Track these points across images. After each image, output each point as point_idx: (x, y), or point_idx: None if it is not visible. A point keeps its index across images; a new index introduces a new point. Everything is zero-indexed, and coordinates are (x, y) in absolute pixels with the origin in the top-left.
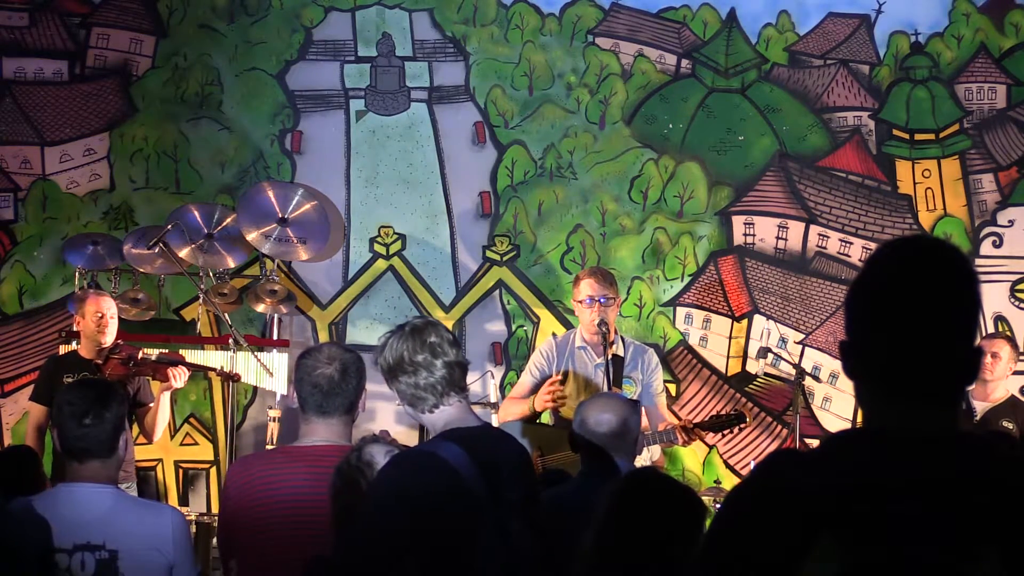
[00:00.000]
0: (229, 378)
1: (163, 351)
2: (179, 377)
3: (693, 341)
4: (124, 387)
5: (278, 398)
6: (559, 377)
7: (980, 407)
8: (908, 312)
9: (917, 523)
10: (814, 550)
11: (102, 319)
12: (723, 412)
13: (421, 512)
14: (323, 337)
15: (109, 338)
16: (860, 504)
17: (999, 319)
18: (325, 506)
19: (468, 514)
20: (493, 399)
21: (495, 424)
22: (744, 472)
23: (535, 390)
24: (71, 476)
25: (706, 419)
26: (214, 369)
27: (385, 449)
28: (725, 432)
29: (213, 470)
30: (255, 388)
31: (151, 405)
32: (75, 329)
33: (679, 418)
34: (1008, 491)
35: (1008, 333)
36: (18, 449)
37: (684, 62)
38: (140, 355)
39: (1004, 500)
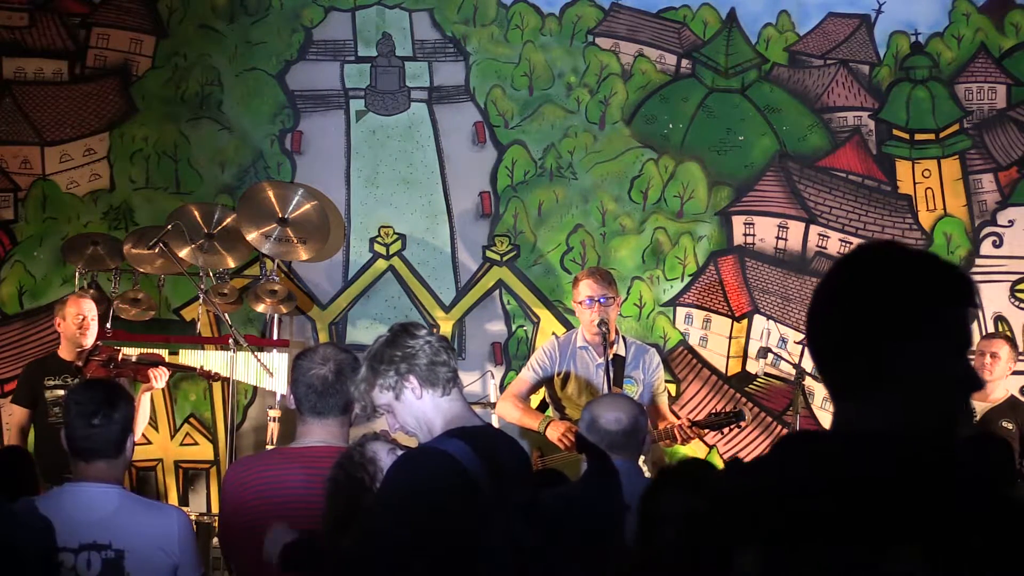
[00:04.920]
0: (210, 378)
1: (143, 351)
2: (159, 378)
3: (693, 341)
4: None
5: (278, 398)
6: (572, 434)
7: (979, 407)
8: (823, 308)
9: (834, 523)
10: (738, 553)
11: (83, 321)
12: (722, 411)
13: (434, 511)
14: (323, 337)
15: (89, 340)
16: (778, 505)
17: (999, 319)
18: (320, 506)
19: (477, 514)
20: (493, 399)
21: (495, 422)
22: None
23: (535, 389)
24: (77, 476)
25: (705, 417)
26: (194, 369)
27: (387, 447)
28: (724, 430)
29: (213, 470)
30: (255, 388)
31: None
32: (56, 330)
33: (678, 418)
34: (929, 490)
35: (1008, 333)
36: (12, 450)
37: (684, 62)
38: (120, 356)
39: (926, 499)
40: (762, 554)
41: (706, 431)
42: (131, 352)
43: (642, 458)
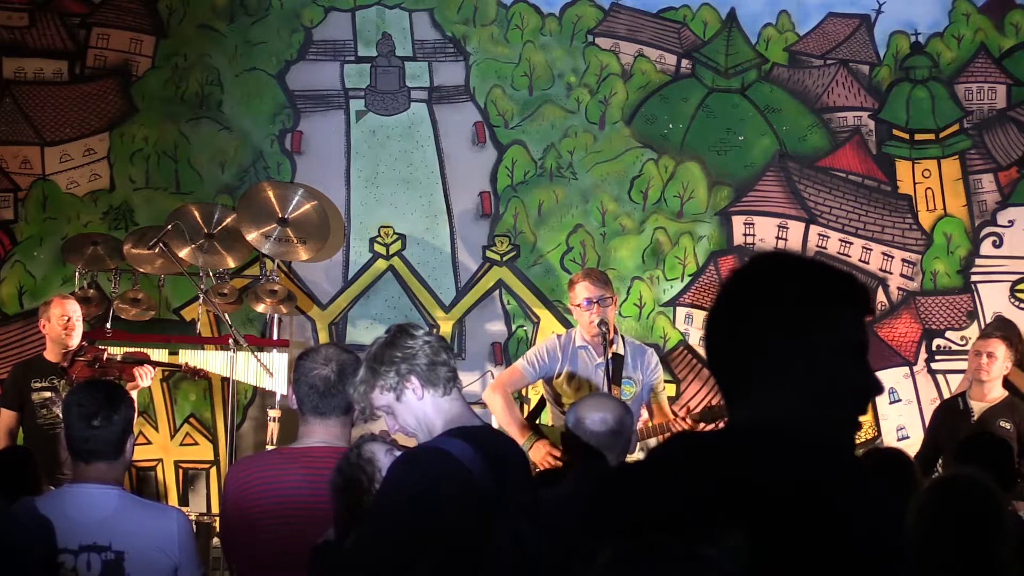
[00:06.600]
0: (196, 374)
1: (128, 350)
2: (145, 376)
3: (693, 341)
4: None
5: (278, 398)
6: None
7: (977, 407)
8: (717, 314)
9: (676, 514)
10: (601, 547)
11: (68, 322)
12: (717, 404)
13: (437, 511)
14: (323, 337)
15: (75, 340)
16: (635, 501)
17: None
18: (321, 507)
19: (480, 514)
20: None
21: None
22: None
23: (526, 384)
24: (77, 477)
25: (699, 411)
26: (179, 367)
27: (385, 447)
28: (718, 423)
29: (213, 470)
30: (255, 388)
31: None
32: (41, 332)
33: (677, 416)
34: (756, 481)
35: (1001, 333)
36: (15, 450)
37: (684, 62)
38: (105, 356)
39: (752, 488)
40: (614, 548)
41: (699, 423)
42: (116, 351)
43: (630, 457)
